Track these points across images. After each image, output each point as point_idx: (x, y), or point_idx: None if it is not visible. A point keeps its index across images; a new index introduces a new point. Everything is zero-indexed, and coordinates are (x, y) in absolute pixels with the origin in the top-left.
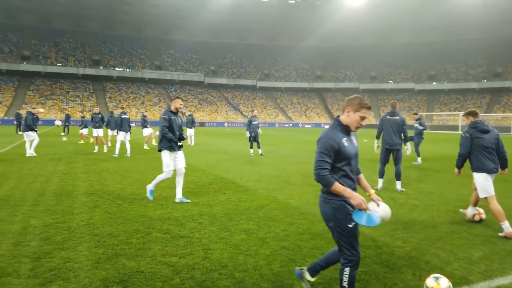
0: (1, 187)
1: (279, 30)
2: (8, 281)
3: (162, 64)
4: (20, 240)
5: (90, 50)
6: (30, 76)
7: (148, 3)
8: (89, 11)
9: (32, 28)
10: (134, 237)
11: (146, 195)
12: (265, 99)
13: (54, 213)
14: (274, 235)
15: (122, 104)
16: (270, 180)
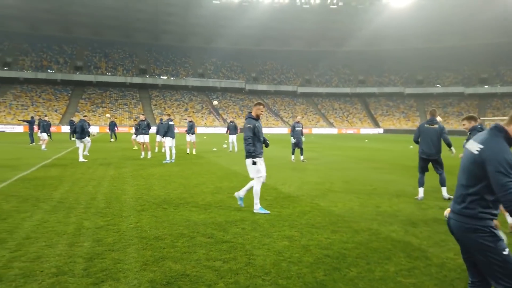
0: (57, 190)
1: (320, 36)
2: (65, 280)
3: (204, 72)
4: (75, 241)
5: (138, 59)
6: (83, 85)
7: (191, 14)
8: (137, 23)
9: (84, 40)
10: (179, 241)
11: (237, 203)
12: (305, 105)
13: (105, 215)
14: (317, 243)
15: (167, 111)
16: (312, 186)
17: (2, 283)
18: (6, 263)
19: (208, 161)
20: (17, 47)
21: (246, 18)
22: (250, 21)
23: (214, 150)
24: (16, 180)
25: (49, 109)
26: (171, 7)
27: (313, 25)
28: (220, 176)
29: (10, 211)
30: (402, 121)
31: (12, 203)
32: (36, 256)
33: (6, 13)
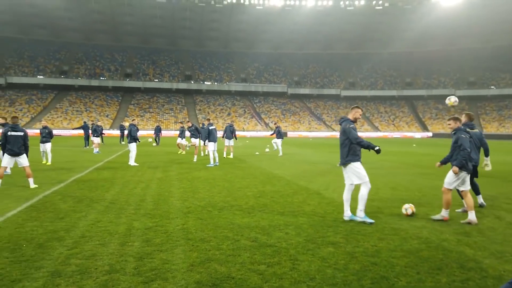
0: (109, 192)
1: (365, 38)
2: (117, 278)
3: (247, 76)
4: (126, 240)
5: (183, 66)
6: (132, 91)
7: (234, 20)
8: (182, 31)
9: (134, 49)
10: (224, 243)
11: (343, 216)
12: (349, 108)
13: (153, 217)
14: (364, 250)
15: (210, 115)
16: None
17: (61, 279)
18: (64, 259)
19: (250, 165)
20: (73, 56)
21: (289, 22)
22: (292, 25)
23: (257, 154)
24: (72, 181)
25: (101, 114)
26: (215, 14)
27: (357, 27)
28: (262, 180)
29: (67, 211)
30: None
31: (69, 203)
32: (91, 254)
33: (64, 25)
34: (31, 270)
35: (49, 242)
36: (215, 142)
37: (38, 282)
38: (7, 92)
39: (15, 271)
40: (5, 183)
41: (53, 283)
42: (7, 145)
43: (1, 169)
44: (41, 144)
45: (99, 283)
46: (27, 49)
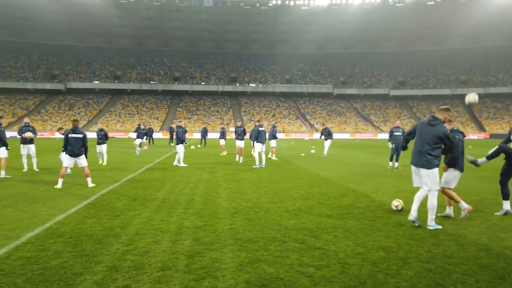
0: (160, 191)
1: (415, 35)
2: (170, 274)
3: (292, 77)
4: (177, 238)
5: (229, 68)
6: (180, 94)
7: (279, 21)
8: (228, 34)
9: (182, 53)
10: (272, 244)
11: (410, 221)
12: (399, 108)
13: (202, 216)
14: (417, 256)
15: (255, 117)
16: (409, 196)
17: (118, 273)
18: (120, 255)
19: (295, 166)
20: (125, 62)
21: (334, 22)
22: (338, 24)
23: (302, 156)
24: (126, 181)
25: (151, 117)
26: (260, 16)
27: (407, 24)
28: (308, 181)
29: (122, 209)
30: None
31: (124, 201)
32: (144, 251)
33: (117, 32)
34: (91, 265)
35: (107, 239)
36: (263, 143)
37: (97, 276)
38: (66, 97)
39: (77, 264)
40: (66, 182)
41: (111, 277)
42: (68, 146)
43: (63, 169)
44: (97, 146)
45: (153, 279)
46: (84, 56)
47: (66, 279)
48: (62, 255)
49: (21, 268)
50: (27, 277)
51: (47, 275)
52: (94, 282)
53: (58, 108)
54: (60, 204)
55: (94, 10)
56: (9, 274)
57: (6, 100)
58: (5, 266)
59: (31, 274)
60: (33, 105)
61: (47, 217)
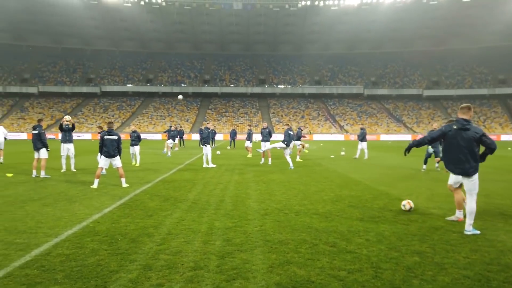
0: (191, 192)
1: (450, 33)
2: (201, 274)
3: (321, 78)
4: (208, 239)
5: (257, 70)
6: (209, 96)
7: (308, 22)
8: (257, 36)
9: (211, 56)
10: (302, 247)
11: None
12: (432, 109)
13: (232, 217)
14: (454, 262)
15: (284, 119)
16: (444, 199)
17: (152, 272)
18: (154, 254)
19: (325, 168)
20: (157, 65)
21: (365, 21)
22: (369, 24)
23: (332, 157)
24: (158, 182)
25: (182, 119)
26: (289, 17)
27: (441, 22)
28: (339, 184)
29: (155, 209)
30: None
31: (156, 202)
32: (177, 251)
33: (150, 36)
34: (126, 263)
35: (140, 238)
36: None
37: (132, 274)
38: (101, 100)
39: (113, 262)
40: (102, 182)
41: (145, 276)
42: (103, 147)
43: (99, 170)
44: (130, 147)
45: (185, 279)
46: (118, 60)
47: (102, 276)
48: (99, 253)
49: (61, 264)
50: (66, 273)
51: (84, 272)
52: (129, 280)
53: (94, 111)
54: (96, 203)
55: (128, 15)
56: (49, 270)
57: (45, 103)
58: (45, 263)
59: (70, 270)
60: (70, 108)
61: (84, 216)
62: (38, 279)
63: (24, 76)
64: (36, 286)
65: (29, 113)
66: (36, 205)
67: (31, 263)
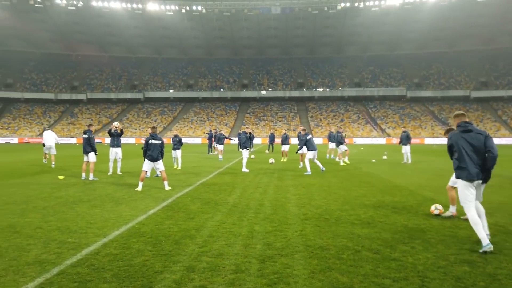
0: (231, 195)
1: (500, 31)
2: (243, 277)
3: (361, 81)
4: (248, 242)
5: (296, 74)
6: (248, 101)
7: (348, 24)
8: (295, 39)
9: (250, 60)
10: (344, 253)
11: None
12: (481, 111)
13: (272, 221)
14: (508, 273)
15: (323, 122)
16: (497, 206)
17: (195, 274)
18: (196, 256)
19: (366, 173)
20: (197, 71)
21: (408, 21)
22: (412, 24)
23: (373, 162)
24: (199, 185)
25: (221, 123)
26: (328, 20)
27: (491, 19)
28: (381, 189)
29: (197, 212)
30: None
31: (197, 204)
32: (218, 253)
33: (190, 43)
34: (170, 264)
35: (183, 240)
36: (314, 150)
37: (176, 275)
38: (144, 105)
39: (157, 263)
40: (146, 185)
41: (188, 277)
42: (147, 151)
43: (143, 173)
44: (172, 151)
45: (227, 281)
46: (160, 67)
47: (148, 276)
48: (144, 253)
49: (109, 264)
50: (114, 272)
51: (131, 271)
52: (173, 280)
53: (137, 116)
54: (141, 205)
55: (170, 23)
56: (99, 269)
57: (93, 109)
58: (95, 262)
59: (118, 270)
60: (116, 113)
61: (130, 218)
62: (88, 277)
63: (74, 83)
64: (87, 284)
65: (78, 118)
66: (86, 206)
67: (82, 262)
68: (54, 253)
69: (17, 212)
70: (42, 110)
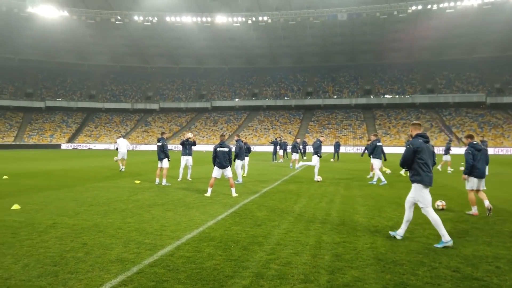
0: (297, 204)
1: None
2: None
3: (434, 87)
4: (316, 252)
5: (362, 81)
6: (312, 109)
7: (420, 27)
8: (362, 45)
9: (314, 68)
10: (420, 269)
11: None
12: None
13: (340, 232)
14: None
15: (391, 130)
16: None
17: (264, 281)
18: (264, 263)
19: (443, 184)
20: (262, 80)
21: (487, 22)
22: (492, 25)
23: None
24: (264, 192)
25: (284, 131)
26: (398, 24)
27: None
28: (459, 202)
29: (263, 219)
30: None
31: (264, 212)
32: (286, 262)
33: (255, 53)
34: (239, 269)
35: (251, 246)
36: (379, 159)
37: (246, 280)
38: (211, 114)
39: (228, 268)
40: (214, 191)
41: (258, 283)
42: (216, 159)
43: (212, 180)
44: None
45: None
46: (227, 76)
47: (219, 280)
48: (215, 257)
49: (183, 265)
50: (187, 274)
51: (203, 274)
52: (243, 286)
53: (205, 124)
54: (210, 210)
55: (236, 34)
56: (173, 270)
57: (164, 118)
58: (170, 263)
59: (191, 272)
60: (185, 122)
61: (200, 222)
62: (164, 277)
63: (148, 94)
64: (163, 283)
65: (151, 127)
66: (160, 210)
67: (158, 262)
68: (133, 252)
69: (100, 213)
70: (120, 119)
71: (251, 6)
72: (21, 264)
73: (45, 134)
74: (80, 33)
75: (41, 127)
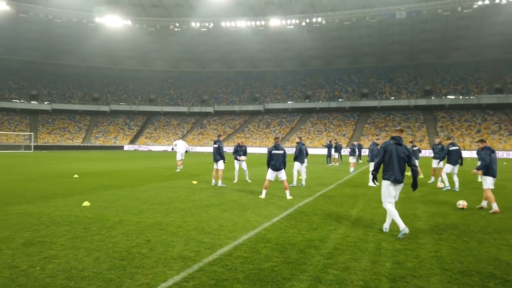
0: (353, 209)
1: None
2: None
3: (503, 86)
4: (376, 259)
5: (422, 81)
6: (368, 110)
7: (487, 24)
8: (422, 44)
9: (370, 69)
10: (491, 282)
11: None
12: None
13: (401, 239)
14: None
15: (455, 133)
16: None
17: (322, 285)
18: (322, 268)
19: None
20: (315, 82)
21: None
22: None
23: None
24: (319, 196)
25: (338, 133)
26: (462, 21)
27: None
28: None
29: (319, 223)
30: None
31: (319, 215)
32: (344, 267)
33: (309, 55)
34: (297, 272)
35: (308, 249)
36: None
37: (303, 283)
38: (264, 116)
39: (285, 270)
40: (268, 193)
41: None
42: (271, 161)
43: (266, 182)
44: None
45: None
46: (280, 79)
47: (277, 282)
48: (272, 259)
49: (241, 266)
50: (246, 274)
51: (261, 275)
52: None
53: (258, 127)
54: (265, 212)
55: (290, 37)
56: (232, 270)
57: (219, 121)
58: (229, 262)
59: (249, 272)
60: (238, 125)
61: (256, 223)
62: (223, 276)
63: (204, 97)
64: (223, 282)
65: (206, 129)
66: (217, 210)
67: (217, 261)
68: (193, 250)
69: (162, 212)
70: (177, 122)
71: (305, 8)
72: (92, 257)
73: (109, 136)
74: (141, 41)
75: (106, 129)
